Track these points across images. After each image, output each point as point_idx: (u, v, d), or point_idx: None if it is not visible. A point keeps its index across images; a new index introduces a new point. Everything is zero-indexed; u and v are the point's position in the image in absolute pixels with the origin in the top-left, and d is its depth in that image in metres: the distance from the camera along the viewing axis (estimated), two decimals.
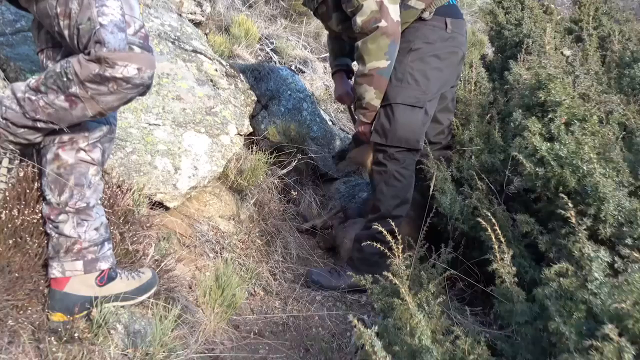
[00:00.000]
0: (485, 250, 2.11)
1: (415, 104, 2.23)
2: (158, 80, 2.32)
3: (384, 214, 2.26)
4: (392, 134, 2.24)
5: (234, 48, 4.25)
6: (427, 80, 2.24)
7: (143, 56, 1.34)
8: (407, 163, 2.28)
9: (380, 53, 2.16)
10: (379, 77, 2.21)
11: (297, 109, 3.26)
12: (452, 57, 2.30)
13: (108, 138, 1.57)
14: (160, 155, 2.14)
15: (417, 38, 2.26)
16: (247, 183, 2.56)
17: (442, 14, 2.27)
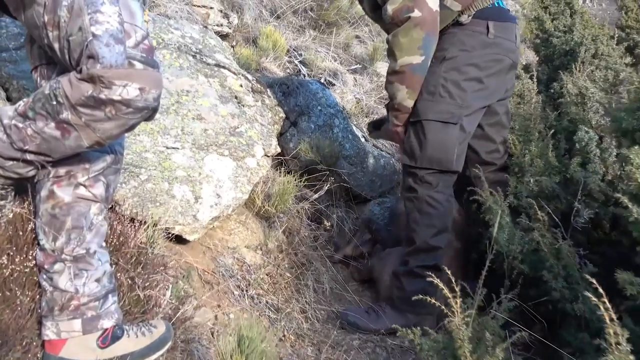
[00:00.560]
0: (547, 290, 1.82)
1: (448, 120, 1.96)
2: (177, 98, 2.11)
3: (420, 246, 2.00)
4: (422, 154, 1.99)
5: (261, 61, 4.05)
6: (463, 92, 1.97)
7: (146, 73, 1.11)
8: (442, 186, 2.02)
9: (413, 47, 1.88)
10: (411, 75, 1.94)
11: (328, 125, 3.01)
12: (496, 66, 2.01)
13: (113, 169, 1.35)
14: (178, 182, 1.91)
15: (453, 45, 1.99)
16: (275, 209, 2.32)
17: (484, 17, 1.98)
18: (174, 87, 2.12)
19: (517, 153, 2.18)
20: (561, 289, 1.77)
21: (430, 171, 1.99)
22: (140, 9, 1.18)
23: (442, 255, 2.02)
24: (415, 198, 2.01)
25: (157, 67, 1.15)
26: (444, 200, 2.01)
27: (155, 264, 1.56)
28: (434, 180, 1.99)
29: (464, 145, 2.03)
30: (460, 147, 2.00)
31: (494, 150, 2.19)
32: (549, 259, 1.80)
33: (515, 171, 2.15)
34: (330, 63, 4.78)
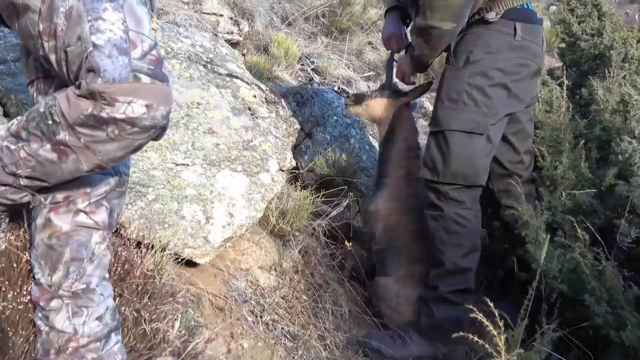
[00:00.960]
0: (587, 315, 1.67)
1: (474, 130, 1.81)
2: (187, 110, 1.98)
3: (450, 268, 1.85)
4: (445, 168, 1.84)
5: (273, 69, 3.93)
6: (489, 99, 1.82)
7: (154, 88, 0.99)
8: (469, 202, 1.86)
9: (446, 13, 1.70)
10: (437, 38, 1.79)
11: (345, 136, 2.88)
12: (523, 71, 1.86)
13: (117, 192, 1.23)
14: (188, 201, 1.79)
15: (478, 46, 1.83)
16: (291, 228, 2.18)
17: (511, 18, 1.83)
18: (183, 99, 2.00)
19: (547, 165, 2.03)
20: (604, 313, 1.62)
21: (455, 187, 1.83)
22: (147, 15, 1.05)
23: (472, 277, 1.88)
24: (440, 217, 1.86)
25: (166, 80, 1.02)
26: (472, 217, 1.86)
27: (163, 294, 1.44)
28: (459, 197, 1.84)
29: (489, 157, 1.89)
30: (486, 159, 1.86)
31: (519, 161, 2.04)
32: (591, 280, 1.65)
33: (547, 184, 2.00)
34: (343, 70, 4.66)
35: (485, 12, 1.81)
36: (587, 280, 1.62)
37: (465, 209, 1.85)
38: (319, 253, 2.30)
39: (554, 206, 1.83)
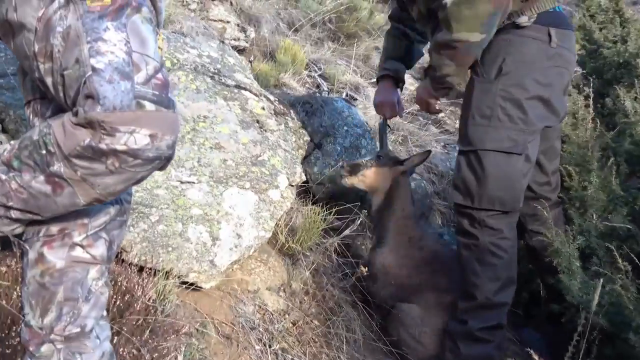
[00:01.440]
0: (630, 353, 1.55)
1: (511, 150, 1.66)
2: (193, 125, 1.88)
3: (482, 303, 1.70)
4: (481, 191, 1.67)
5: (280, 76, 3.84)
6: (526, 114, 1.66)
7: (158, 116, 0.88)
8: (507, 231, 1.70)
9: (474, 23, 1.56)
10: (465, 53, 1.64)
11: (355, 147, 2.76)
12: (558, 81, 1.72)
13: (118, 222, 1.12)
14: (194, 222, 1.68)
15: (510, 55, 1.67)
16: (301, 247, 2.07)
17: (545, 22, 1.68)
18: (190, 112, 1.90)
19: (576, 185, 1.91)
20: None
21: (492, 213, 1.68)
22: (152, 33, 0.95)
23: (506, 312, 1.74)
24: (474, 246, 1.71)
25: (172, 106, 0.91)
26: (509, 248, 1.70)
27: (165, 329, 1.33)
28: (496, 224, 1.68)
29: (527, 178, 1.74)
30: (524, 181, 1.71)
31: (546, 183, 1.89)
32: (635, 316, 1.52)
33: (577, 206, 1.87)
34: (351, 76, 4.55)
35: (516, 17, 1.65)
36: (631, 316, 1.49)
37: (502, 238, 1.69)
38: (330, 272, 2.19)
39: (587, 230, 1.70)
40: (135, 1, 0.93)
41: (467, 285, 1.74)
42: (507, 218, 1.70)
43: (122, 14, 0.90)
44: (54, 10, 0.88)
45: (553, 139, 1.88)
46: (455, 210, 1.81)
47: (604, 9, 2.85)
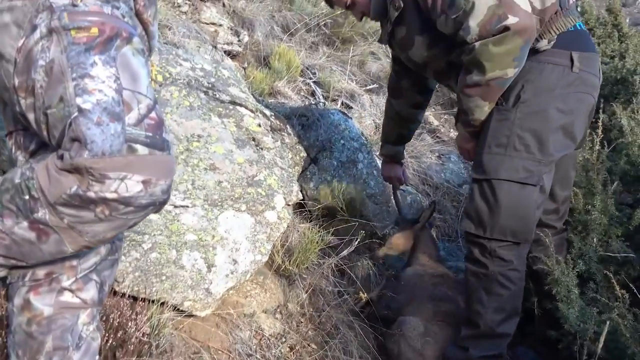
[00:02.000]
0: None
1: (526, 181, 1.60)
2: (187, 144, 1.82)
3: (485, 332, 1.66)
4: (493, 221, 1.62)
5: (275, 84, 3.77)
6: (544, 144, 1.60)
7: (152, 160, 0.83)
8: (517, 262, 1.65)
9: (508, 59, 1.52)
10: (498, 89, 1.60)
11: (352, 161, 2.72)
12: (581, 107, 1.65)
13: (109, 262, 1.06)
14: (188, 249, 1.62)
15: (529, 82, 1.61)
16: (297, 268, 2.02)
17: (566, 46, 1.61)
18: (183, 131, 1.84)
19: (580, 208, 1.87)
20: None
21: (504, 243, 1.63)
22: (145, 66, 0.89)
23: (507, 342, 1.70)
24: (483, 275, 1.66)
25: (167, 148, 0.86)
26: (517, 280, 1.66)
27: None
28: (507, 255, 1.63)
29: (541, 209, 1.68)
30: (538, 212, 1.66)
31: (554, 211, 1.84)
32: (631, 344, 1.50)
33: (579, 229, 1.84)
34: (346, 83, 4.50)
35: (535, 42, 1.59)
36: (627, 344, 1.47)
37: (512, 269, 1.64)
38: (327, 293, 2.14)
39: (586, 254, 1.68)
40: (126, 31, 0.87)
41: (471, 312, 1.70)
42: (518, 249, 1.65)
43: (111, 45, 0.84)
44: (35, 41, 0.81)
45: (568, 168, 1.82)
46: (465, 238, 1.77)
47: (602, 23, 2.82)
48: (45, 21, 0.81)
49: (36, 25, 0.81)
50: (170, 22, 3.56)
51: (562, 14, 1.60)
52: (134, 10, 0.94)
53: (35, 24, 0.81)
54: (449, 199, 3.35)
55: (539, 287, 1.87)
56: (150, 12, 0.99)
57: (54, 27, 0.80)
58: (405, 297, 1.93)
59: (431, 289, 1.93)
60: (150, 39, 1.03)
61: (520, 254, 1.67)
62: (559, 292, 1.57)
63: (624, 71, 2.59)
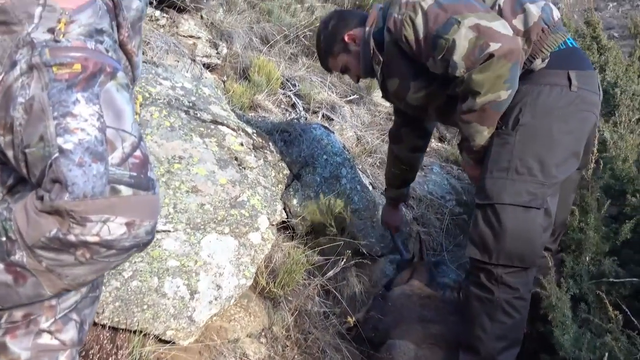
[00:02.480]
0: None
1: (530, 204, 1.57)
2: (168, 166, 1.78)
3: (484, 358, 1.63)
4: (499, 247, 1.59)
5: (255, 98, 3.74)
6: (546, 166, 1.59)
7: (136, 201, 0.79)
8: (523, 290, 1.62)
9: (499, 82, 1.53)
10: (493, 113, 1.60)
11: (335, 176, 2.70)
12: (582, 127, 1.64)
13: (90, 299, 1.02)
14: (170, 275, 1.58)
15: (527, 105, 1.60)
16: (282, 291, 1.98)
17: (562, 65, 1.61)
18: (164, 152, 1.79)
19: (575, 226, 1.86)
20: None
21: (511, 269, 1.59)
22: (129, 103, 0.85)
23: None
24: (488, 300, 1.62)
25: (152, 187, 0.82)
26: (522, 309, 1.63)
27: None
28: (514, 282, 1.60)
29: (548, 232, 1.65)
30: (544, 235, 1.62)
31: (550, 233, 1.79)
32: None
33: (572, 248, 1.83)
34: (327, 95, 4.49)
35: (529, 63, 1.60)
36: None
37: (518, 298, 1.61)
38: (313, 314, 2.11)
39: (579, 274, 1.67)
40: (110, 66, 0.83)
41: (472, 337, 1.67)
42: (525, 275, 1.62)
43: (95, 82, 0.80)
44: (14, 78, 0.78)
45: (569, 190, 1.81)
46: (471, 264, 1.73)
47: (581, 35, 2.86)
48: (26, 57, 0.77)
49: (16, 61, 0.77)
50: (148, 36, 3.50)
51: (550, 31, 1.61)
52: (118, 42, 0.90)
53: (15, 60, 0.77)
54: (432, 212, 3.34)
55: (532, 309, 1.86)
56: (135, 43, 0.95)
57: (35, 64, 0.76)
58: (393, 318, 1.91)
59: (419, 310, 1.91)
60: (134, 69, 0.99)
61: (527, 281, 1.63)
62: (554, 318, 1.55)
63: (605, 84, 2.62)
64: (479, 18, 1.53)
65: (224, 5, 4.96)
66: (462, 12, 1.54)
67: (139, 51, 0.96)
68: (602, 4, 8.07)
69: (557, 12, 1.67)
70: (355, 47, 1.90)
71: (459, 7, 1.56)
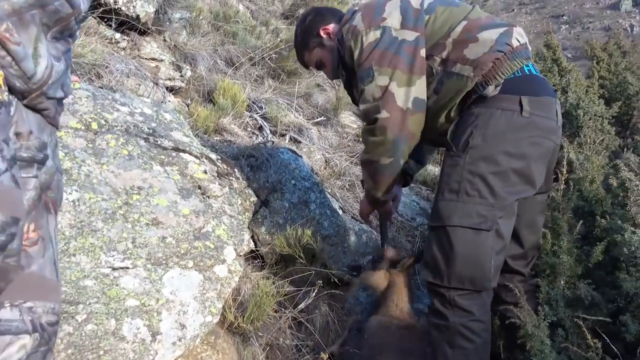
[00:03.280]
0: None
1: (480, 226, 1.56)
2: (126, 198, 1.67)
3: None
4: (449, 270, 1.57)
5: (220, 121, 3.64)
6: (495, 188, 1.57)
7: None
8: (479, 313, 1.58)
9: (381, 149, 1.70)
10: (379, 172, 1.77)
11: (304, 202, 2.62)
12: (535, 151, 1.61)
13: (40, 354, 0.91)
14: (130, 316, 1.46)
15: (478, 128, 1.60)
16: (252, 325, 1.88)
17: (515, 90, 1.60)
18: (121, 183, 1.69)
19: (548, 249, 1.83)
20: None
21: (463, 292, 1.57)
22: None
23: None
24: (445, 327, 1.58)
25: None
26: (482, 331, 1.58)
27: None
28: (468, 305, 1.57)
29: (502, 255, 1.63)
30: (497, 258, 1.59)
31: (521, 256, 1.79)
32: None
33: (547, 273, 1.80)
34: (293, 117, 4.43)
35: (482, 89, 1.59)
36: None
37: (474, 320, 1.57)
38: (285, 348, 2.00)
39: (554, 299, 1.63)
40: None
41: None
42: (479, 298, 1.59)
43: None
44: None
45: (535, 213, 1.79)
46: (427, 288, 1.70)
47: (542, 58, 2.90)
48: None
49: None
50: (108, 59, 3.38)
51: (507, 58, 1.61)
52: None
53: None
54: (403, 234, 3.29)
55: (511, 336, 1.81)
56: (26, 32, 0.85)
57: None
58: (370, 352, 1.82)
59: (398, 342, 1.83)
60: (19, 61, 0.88)
61: (482, 304, 1.60)
62: (532, 346, 1.50)
63: (567, 105, 2.65)
64: (393, 79, 1.63)
65: (188, 27, 4.87)
66: (382, 66, 1.65)
67: (36, 43, 0.87)
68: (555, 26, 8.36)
69: (521, 38, 1.67)
70: (330, 42, 1.94)
71: (385, 57, 1.65)
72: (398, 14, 1.70)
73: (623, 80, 3.09)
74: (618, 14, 33.61)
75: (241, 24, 5.11)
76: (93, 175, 1.64)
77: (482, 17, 1.68)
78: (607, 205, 1.96)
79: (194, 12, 4.83)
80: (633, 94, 3.08)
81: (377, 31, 1.68)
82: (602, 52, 3.69)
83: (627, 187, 1.64)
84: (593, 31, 27.98)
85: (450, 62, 1.64)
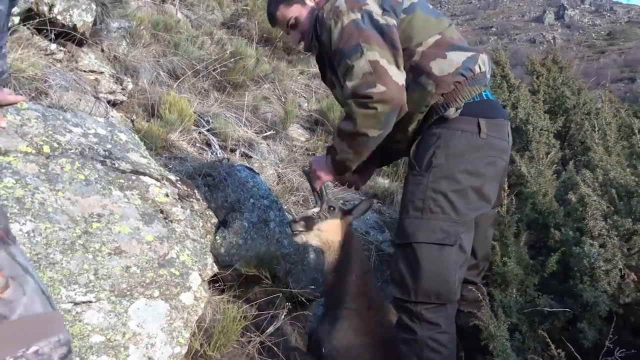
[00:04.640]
0: None
1: (444, 242, 1.63)
2: (85, 226, 1.57)
3: None
4: (416, 286, 1.63)
5: (168, 137, 3.52)
6: (457, 205, 1.65)
7: None
8: (445, 325, 1.65)
9: (373, 121, 1.61)
10: (363, 145, 1.68)
11: (263, 220, 2.58)
12: (491, 170, 1.71)
13: None
14: (95, 353, 1.37)
15: (439, 148, 1.67)
16: (219, 353, 1.82)
17: (473, 113, 1.68)
18: (79, 210, 1.59)
19: (497, 261, 1.92)
20: None
21: (429, 306, 1.62)
22: None
23: None
24: (413, 341, 1.63)
25: None
26: (448, 342, 1.64)
27: None
28: (434, 318, 1.63)
29: (464, 268, 1.70)
30: (460, 271, 1.67)
31: (473, 266, 1.87)
32: None
33: (498, 282, 1.87)
34: (242, 131, 4.36)
35: (443, 110, 1.66)
36: None
37: (441, 332, 1.63)
38: None
39: (508, 306, 1.71)
40: None
41: None
42: (444, 310, 1.65)
43: None
44: None
45: (486, 226, 1.87)
46: (394, 304, 1.73)
47: (491, 75, 3.01)
48: None
49: None
50: (46, 73, 3.20)
51: (468, 83, 1.68)
52: None
53: None
54: None
55: (467, 342, 1.87)
56: None
57: None
58: None
59: None
60: None
61: (448, 315, 1.67)
62: (495, 347, 1.56)
63: (517, 120, 2.76)
64: (382, 56, 1.58)
65: (127, 37, 4.69)
66: (370, 43, 1.59)
67: None
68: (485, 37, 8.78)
69: (483, 65, 1.75)
70: (311, 2, 1.86)
71: (371, 36, 1.60)
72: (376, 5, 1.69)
73: (561, 95, 3.28)
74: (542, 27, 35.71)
75: (183, 34, 4.99)
76: (48, 203, 1.53)
77: (454, 36, 1.74)
78: (560, 217, 2.06)
79: (134, 22, 4.66)
80: (570, 108, 3.28)
81: (358, 13, 1.65)
82: (541, 67, 3.89)
83: (585, 202, 1.73)
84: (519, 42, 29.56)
85: (417, 71, 1.67)
